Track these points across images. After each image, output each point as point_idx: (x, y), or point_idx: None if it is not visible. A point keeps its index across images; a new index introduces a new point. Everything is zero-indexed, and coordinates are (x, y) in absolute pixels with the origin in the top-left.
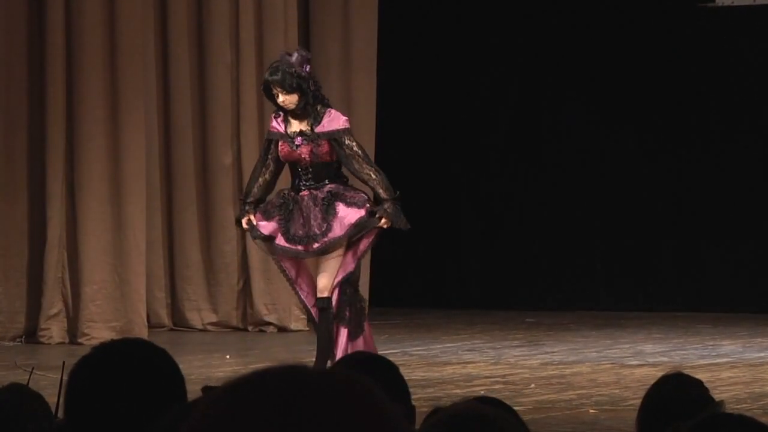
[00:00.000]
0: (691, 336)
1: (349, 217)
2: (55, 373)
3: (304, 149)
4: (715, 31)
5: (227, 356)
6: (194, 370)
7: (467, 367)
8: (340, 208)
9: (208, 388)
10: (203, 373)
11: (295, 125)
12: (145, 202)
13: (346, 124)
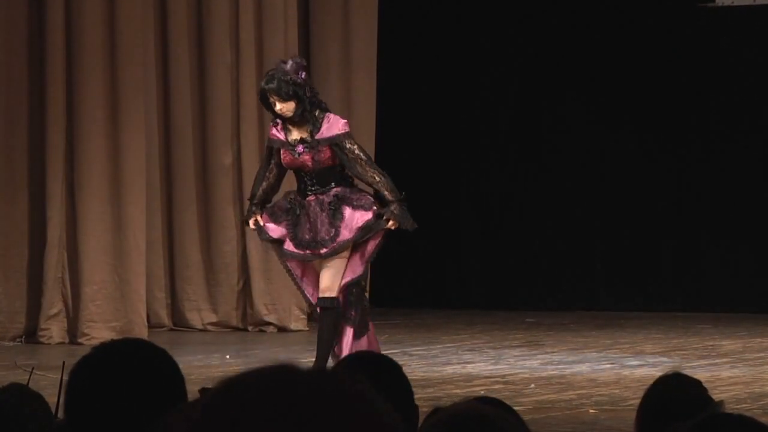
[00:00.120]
0: (691, 336)
1: (356, 220)
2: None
3: (306, 157)
4: (715, 31)
5: (227, 356)
6: (194, 370)
7: (467, 367)
8: (347, 213)
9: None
10: (203, 373)
11: (295, 133)
12: (145, 202)
13: (345, 128)
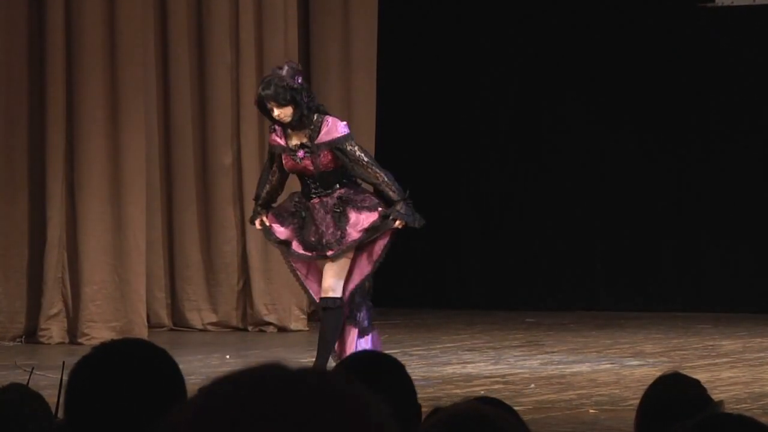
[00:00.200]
0: (691, 336)
1: (362, 222)
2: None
3: (308, 162)
4: (715, 31)
5: (227, 356)
6: (194, 370)
7: (467, 367)
8: (352, 215)
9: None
10: (203, 373)
11: (295, 138)
12: (145, 202)
13: (345, 130)
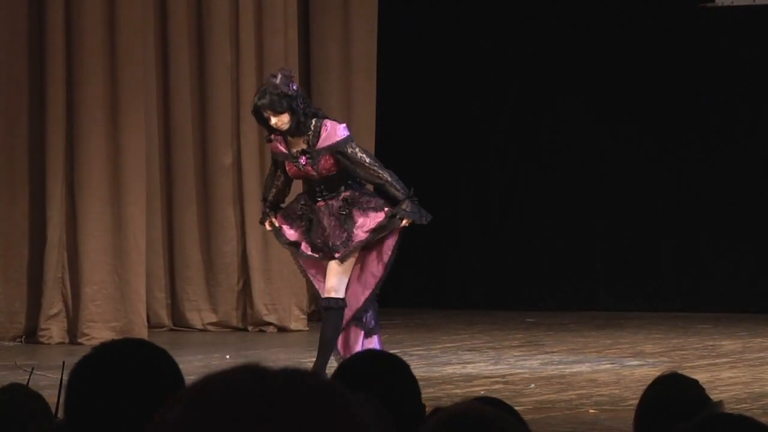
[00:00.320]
0: (691, 336)
1: (368, 223)
2: (55, 373)
3: (309, 168)
4: (715, 31)
5: (227, 356)
6: (194, 370)
7: (467, 367)
8: (358, 217)
9: None
10: (203, 374)
11: (296, 145)
12: (145, 202)
13: (344, 133)
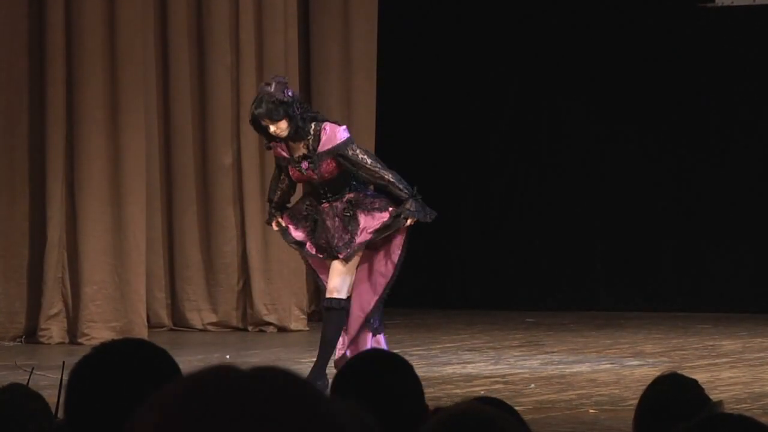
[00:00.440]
0: (691, 336)
1: (373, 224)
2: (55, 373)
3: (312, 172)
4: (715, 31)
5: (227, 356)
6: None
7: (467, 367)
8: (362, 218)
9: None
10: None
11: (297, 150)
12: (145, 202)
13: (344, 135)
